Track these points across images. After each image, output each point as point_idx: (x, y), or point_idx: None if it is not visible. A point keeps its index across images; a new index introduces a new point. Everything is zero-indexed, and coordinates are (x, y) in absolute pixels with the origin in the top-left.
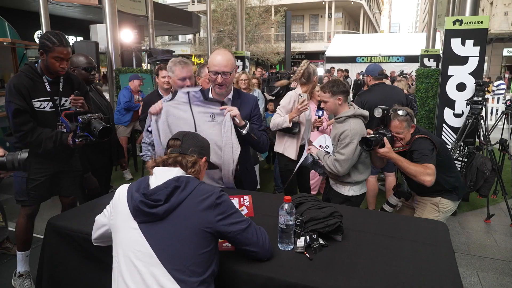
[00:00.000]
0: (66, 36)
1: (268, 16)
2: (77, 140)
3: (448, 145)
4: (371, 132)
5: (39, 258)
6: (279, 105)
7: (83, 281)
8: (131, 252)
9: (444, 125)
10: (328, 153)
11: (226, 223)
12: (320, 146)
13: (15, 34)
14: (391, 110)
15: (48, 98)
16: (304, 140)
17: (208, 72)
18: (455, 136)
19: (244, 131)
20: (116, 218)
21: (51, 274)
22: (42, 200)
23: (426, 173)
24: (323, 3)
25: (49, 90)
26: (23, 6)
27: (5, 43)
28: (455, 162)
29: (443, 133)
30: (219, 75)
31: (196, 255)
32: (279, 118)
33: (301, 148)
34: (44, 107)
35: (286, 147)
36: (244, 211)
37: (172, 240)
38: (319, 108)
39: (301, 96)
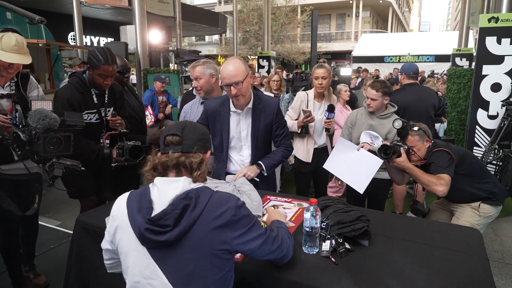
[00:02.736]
0: (98, 38)
1: (294, 15)
2: (112, 164)
3: (482, 148)
4: (387, 143)
5: (68, 253)
6: None
7: (108, 278)
8: (143, 278)
9: (477, 127)
10: None
11: (243, 241)
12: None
13: (50, 36)
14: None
15: (95, 110)
16: (320, 143)
17: (221, 86)
18: (489, 139)
19: (266, 174)
20: (120, 239)
21: (78, 270)
22: (92, 193)
23: (438, 183)
24: (351, 2)
25: (96, 102)
26: (58, 8)
27: (40, 45)
28: (489, 165)
29: (476, 135)
30: (231, 87)
31: (214, 280)
32: (289, 122)
33: (317, 151)
34: (91, 119)
35: (297, 149)
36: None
37: (187, 266)
38: (330, 110)
39: (304, 112)
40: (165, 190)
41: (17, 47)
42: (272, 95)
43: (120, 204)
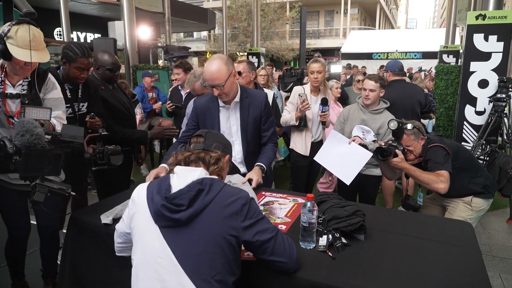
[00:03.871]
0: (85, 34)
1: (283, 12)
2: (93, 168)
3: (469, 143)
4: (382, 143)
5: (61, 252)
6: None
7: (103, 275)
8: (152, 258)
9: (465, 122)
10: (375, 141)
11: (252, 232)
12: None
13: None
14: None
15: (69, 105)
16: (316, 136)
17: (204, 85)
18: (476, 134)
19: (263, 175)
20: (136, 222)
21: (73, 267)
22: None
23: (439, 181)
24: None
25: (70, 97)
26: (44, 4)
27: None
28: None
29: (463, 131)
30: (214, 88)
31: (221, 264)
32: (287, 116)
33: (313, 145)
34: None
35: (295, 142)
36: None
37: (196, 248)
38: (324, 103)
39: (301, 96)
40: (184, 177)
41: (34, 43)
42: None
43: (141, 189)
